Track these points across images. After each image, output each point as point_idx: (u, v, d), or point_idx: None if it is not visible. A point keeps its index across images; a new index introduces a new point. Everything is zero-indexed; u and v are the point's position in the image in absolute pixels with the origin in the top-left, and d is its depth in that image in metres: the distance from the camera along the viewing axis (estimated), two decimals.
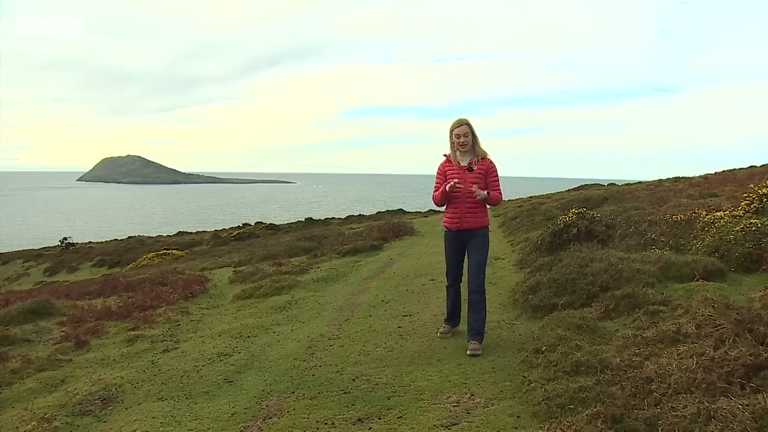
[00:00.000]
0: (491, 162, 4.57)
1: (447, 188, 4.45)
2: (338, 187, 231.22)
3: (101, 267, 26.27)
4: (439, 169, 4.63)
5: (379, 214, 29.37)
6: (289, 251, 12.78)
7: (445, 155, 4.61)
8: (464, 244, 4.65)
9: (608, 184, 26.82)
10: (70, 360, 5.48)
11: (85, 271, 25.85)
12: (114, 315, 7.36)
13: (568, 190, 26.57)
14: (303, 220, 34.12)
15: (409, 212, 29.45)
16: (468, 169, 4.49)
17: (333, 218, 37.48)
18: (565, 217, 8.03)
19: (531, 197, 25.83)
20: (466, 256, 4.70)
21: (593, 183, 30.04)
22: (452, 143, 4.55)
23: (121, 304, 8.13)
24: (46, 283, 22.52)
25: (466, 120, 4.52)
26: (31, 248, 40.04)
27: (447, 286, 4.92)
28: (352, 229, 18.44)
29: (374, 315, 5.97)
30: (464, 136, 4.49)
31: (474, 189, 4.43)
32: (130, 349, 5.68)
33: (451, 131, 4.52)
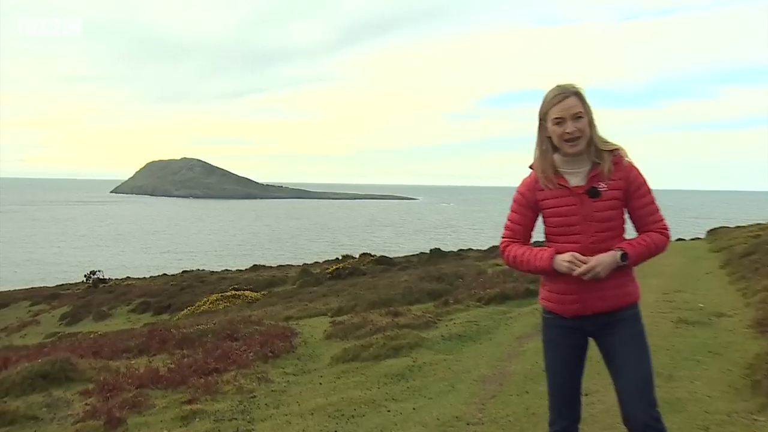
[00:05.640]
0: (631, 166, 3.30)
1: (557, 265, 3.26)
2: (477, 206, 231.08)
3: (143, 313, 27.64)
4: (519, 192, 3.45)
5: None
6: (408, 296, 12.91)
7: (533, 168, 3.42)
8: (586, 344, 3.43)
9: None
10: None
11: (121, 318, 27.15)
12: (162, 381, 7.50)
13: None
14: (427, 251, 34.38)
15: None
16: (589, 192, 3.24)
17: (470, 250, 37.46)
18: None
19: None
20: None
21: None
22: (544, 138, 3.34)
23: (172, 365, 8.29)
24: (64, 334, 23.63)
25: (573, 87, 3.25)
26: (42, 285, 42.23)
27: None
28: (497, 266, 18.30)
29: (533, 391, 5.85)
30: (574, 119, 3.22)
31: (592, 263, 3.17)
32: (185, 431, 5.90)
33: (545, 112, 3.29)
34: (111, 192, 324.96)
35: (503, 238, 3.48)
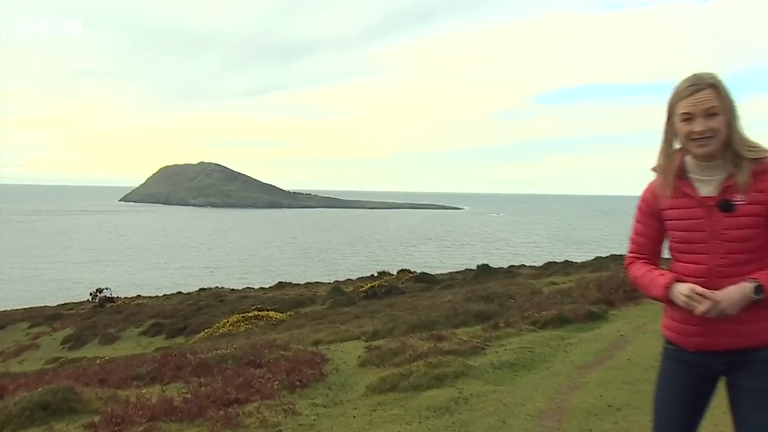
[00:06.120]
0: None
1: (673, 297, 3.03)
2: (530, 217, 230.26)
3: (155, 336, 27.99)
4: (642, 199, 3.29)
5: (599, 261, 28.78)
6: (453, 318, 12.91)
7: (655, 170, 3.23)
8: (712, 385, 3.21)
9: None
10: None
11: (130, 342, 27.47)
12: (177, 413, 7.54)
13: None
14: (474, 268, 34.36)
15: None
16: (721, 205, 3.01)
17: (522, 266, 37.32)
18: None
19: None
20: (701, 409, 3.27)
21: None
22: (671, 138, 3.15)
23: (188, 395, 8.36)
24: (67, 360, 23.93)
25: (711, 77, 3.00)
26: (43, 305, 42.69)
27: None
28: (554, 284, 18.23)
29: (597, 429, 5.80)
30: (706, 116, 2.97)
31: (716, 299, 2.91)
32: None
33: (673, 105, 3.07)
34: (120, 200, 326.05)
35: (628, 253, 3.31)
